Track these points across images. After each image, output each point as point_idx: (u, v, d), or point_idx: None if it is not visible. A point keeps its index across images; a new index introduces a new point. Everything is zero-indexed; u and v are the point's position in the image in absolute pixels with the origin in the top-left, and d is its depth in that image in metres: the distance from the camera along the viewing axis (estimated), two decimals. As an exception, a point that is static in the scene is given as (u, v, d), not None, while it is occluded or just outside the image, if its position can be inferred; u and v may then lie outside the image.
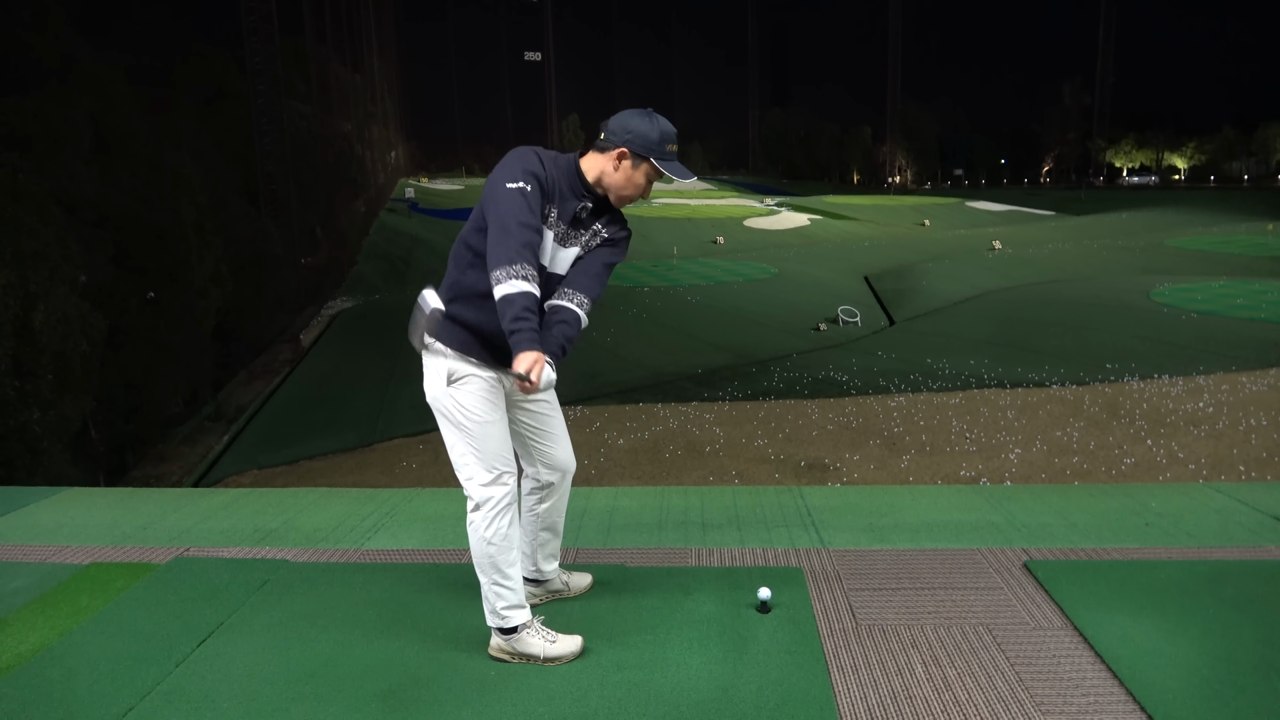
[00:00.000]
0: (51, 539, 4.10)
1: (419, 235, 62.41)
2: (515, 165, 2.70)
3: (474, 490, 2.82)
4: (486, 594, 2.84)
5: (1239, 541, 3.69)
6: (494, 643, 2.88)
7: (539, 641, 2.84)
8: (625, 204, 2.89)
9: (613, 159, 2.80)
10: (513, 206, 2.62)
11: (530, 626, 2.85)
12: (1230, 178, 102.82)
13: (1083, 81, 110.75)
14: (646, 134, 2.77)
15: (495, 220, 2.63)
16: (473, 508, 2.82)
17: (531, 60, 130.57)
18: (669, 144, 2.80)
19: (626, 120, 2.80)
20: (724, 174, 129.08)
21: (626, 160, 2.79)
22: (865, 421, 19.36)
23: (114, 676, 2.78)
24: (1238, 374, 21.74)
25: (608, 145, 2.80)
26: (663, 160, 2.79)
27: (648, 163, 2.79)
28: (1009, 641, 2.88)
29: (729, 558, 3.62)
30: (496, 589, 2.82)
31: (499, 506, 2.80)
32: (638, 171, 2.81)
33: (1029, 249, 52.44)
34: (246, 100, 39.55)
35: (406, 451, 19.04)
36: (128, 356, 21.73)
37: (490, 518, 2.79)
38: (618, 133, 2.79)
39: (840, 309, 34.22)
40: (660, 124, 2.79)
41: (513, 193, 2.64)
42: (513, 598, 2.84)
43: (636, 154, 2.78)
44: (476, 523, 2.81)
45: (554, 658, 2.83)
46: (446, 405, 2.82)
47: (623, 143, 2.77)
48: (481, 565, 2.82)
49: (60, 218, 18.92)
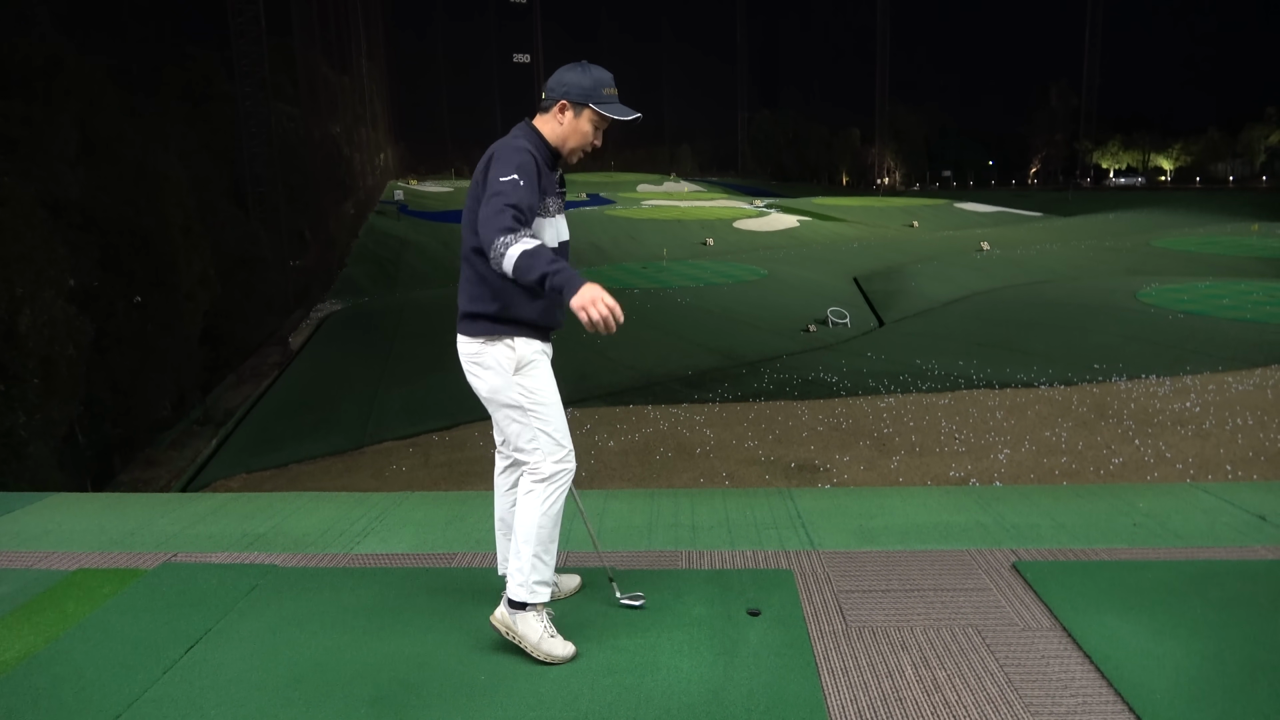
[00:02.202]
0: (37, 545, 4.07)
1: (408, 237, 62.25)
2: (512, 162, 2.72)
3: (546, 466, 2.90)
4: (523, 564, 2.87)
5: (1226, 541, 3.71)
6: (499, 612, 2.92)
7: (539, 629, 2.87)
8: (576, 156, 2.95)
9: (555, 114, 2.88)
10: (510, 192, 2.65)
11: (541, 611, 2.89)
12: (1216, 179, 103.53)
13: (1069, 83, 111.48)
14: (581, 82, 2.85)
15: (497, 206, 2.62)
16: (538, 479, 2.90)
17: (520, 62, 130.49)
18: (605, 88, 2.87)
19: (562, 74, 2.89)
20: (713, 176, 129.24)
21: (569, 110, 2.87)
22: (855, 422, 19.41)
23: (101, 683, 2.76)
24: (1224, 374, 21.88)
25: (549, 103, 2.88)
26: (601, 104, 2.86)
27: (588, 108, 2.86)
28: (998, 643, 2.89)
29: (719, 560, 3.62)
30: (537, 561, 2.87)
31: (564, 482, 2.91)
32: (581, 119, 2.88)
33: (1017, 250, 52.68)
34: (234, 102, 39.38)
35: (396, 455, 18.98)
36: (114, 360, 21.60)
37: (555, 491, 2.89)
38: (555, 88, 2.87)
39: (830, 310, 34.30)
40: (594, 71, 2.88)
41: (513, 183, 2.68)
42: (547, 574, 2.90)
43: (576, 102, 2.85)
44: (540, 493, 2.88)
45: (544, 651, 2.85)
46: (512, 395, 2.90)
47: (561, 95, 2.85)
48: (529, 537, 2.86)
49: (46, 221, 18.79)
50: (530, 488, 2.90)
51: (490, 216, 2.61)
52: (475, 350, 2.91)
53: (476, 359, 2.92)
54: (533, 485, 2.90)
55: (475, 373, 2.94)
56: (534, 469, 2.91)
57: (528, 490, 2.91)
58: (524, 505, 2.90)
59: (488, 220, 2.60)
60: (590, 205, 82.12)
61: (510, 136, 2.88)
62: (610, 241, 61.40)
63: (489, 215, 2.61)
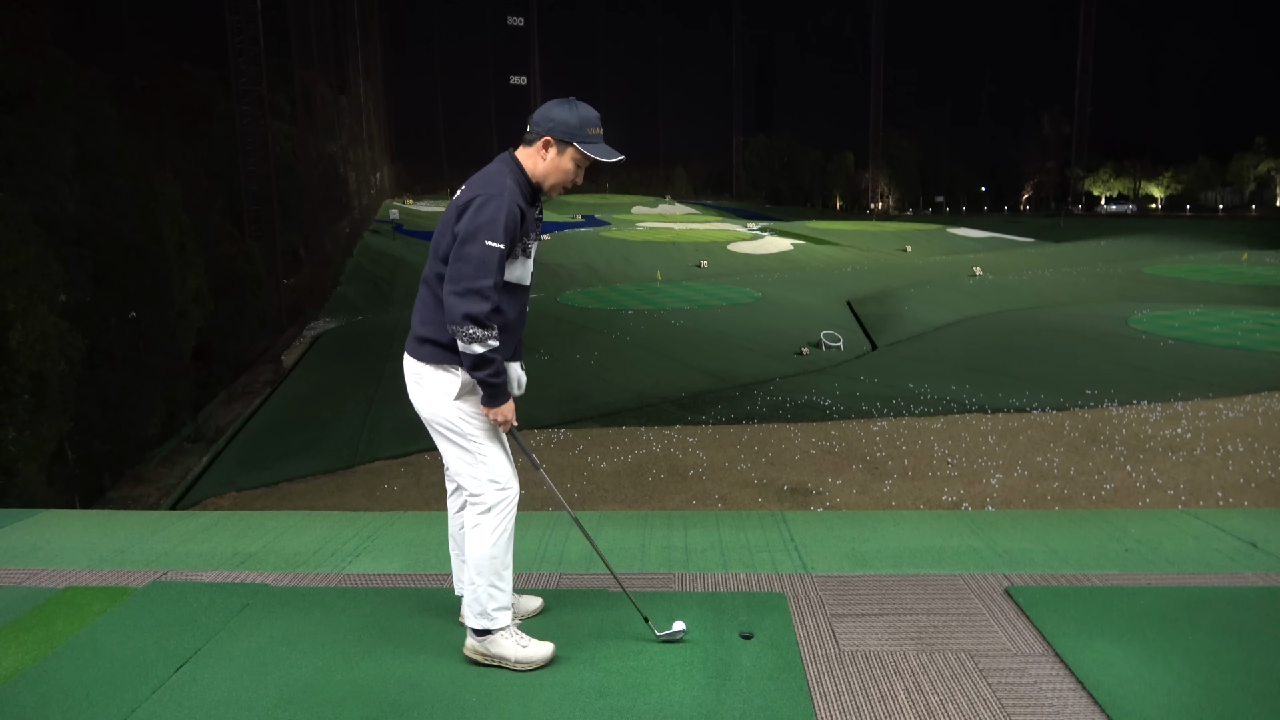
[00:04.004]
0: (26, 562, 4.05)
1: (403, 257, 62.28)
2: (494, 222, 2.73)
3: (489, 494, 2.90)
4: (479, 595, 2.88)
5: (1217, 568, 3.72)
6: (469, 644, 2.94)
7: (512, 645, 2.89)
8: (557, 191, 2.96)
9: (539, 149, 2.88)
10: (489, 265, 2.71)
11: (507, 630, 2.91)
12: (1206, 207, 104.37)
13: (1062, 111, 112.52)
14: (567, 120, 2.85)
15: (468, 276, 2.71)
16: (482, 510, 2.90)
17: (517, 84, 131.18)
18: (591, 127, 2.87)
19: (548, 110, 2.88)
20: (708, 198, 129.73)
21: (552, 148, 2.87)
22: (848, 446, 19.40)
23: (89, 703, 2.74)
24: (1215, 400, 21.97)
25: (533, 137, 2.88)
26: (585, 143, 2.86)
27: (572, 147, 2.86)
28: (991, 668, 2.89)
29: (712, 583, 3.62)
30: (493, 590, 2.88)
31: (508, 509, 2.92)
32: (564, 157, 2.88)
33: (1009, 275, 52.91)
34: (231, 120, 39.48)
35: (388, 474, 18.89)
36: (106, 376, 21.50)
37: (502, 521, 2.90)
38: (541, 123, 2.87)
39: (823, 333, 34.38)
40: (581, 109, 2.87)
41: (490, 251, 2.71)
42: (504, 599, 2.91)
43: (560, 140, 2.85)
44: (485, 525, 2.89)
45: (525, 661, 2.87)
46: (451, 418, 2.89)
47: (546, 131, 2.85)
48: (482, 568, 2.87)
49: (40, 236, 18.77)
50: (477, 521, 2.90)
51: (466, 291, 2.69)
52: (420, 372, 2.92)
53: (419, 381, 2.93)
54: (479, 518, 2.89)
55: (416, 395, 2.95)
56: (477, 498, 2.91)
57: (475, 524, 2.90)
58: (473, 539, 2.89)
59: (463, 293, 2.69)
60: (585, 227, 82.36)
61: (495, 172, 2.85)
62: (605, 263, 61.54)
63: (466, 286, 2.69)
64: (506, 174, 2.84)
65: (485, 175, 2.85)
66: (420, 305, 2.94)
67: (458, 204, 2.81)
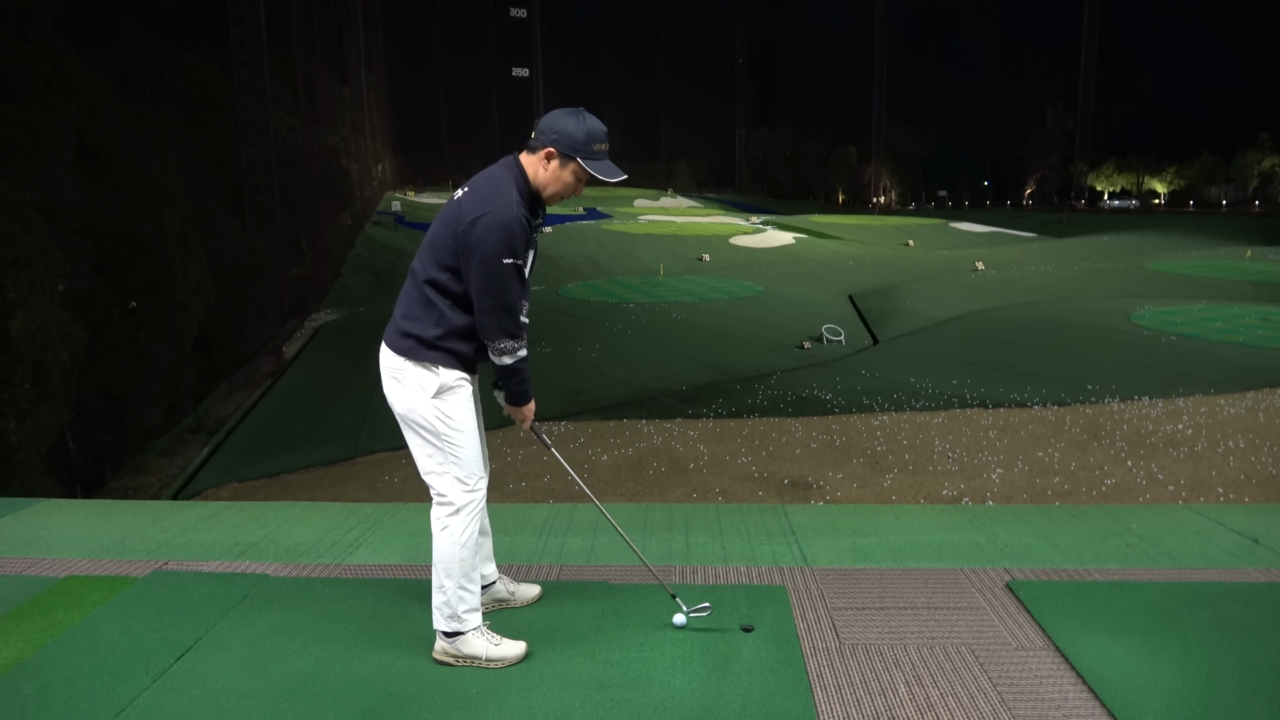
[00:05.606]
0: (27, 551, 4.05)
1: (404, 248, 62.23)
2: (507, 241, 2.72)
3: (456, 495, 2.87)
4: (449, 598, 2.86)
5: (1218, 563, 3.72)
6: (438, 646, 2.92)
7: (483, 643, 2.88)
8: (556, 201, 2.93)
9: (542, 159, 2.83)
10: (511, 282, 2.75)
11: (478, 629, 2.91)
12: (1209, 203, 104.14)
13: (1065, 106, 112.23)
14: (573, 134, 2.79)
15: (495, 294, 2.74)
16: (451, 512, 2.87)
17: (519, 76, 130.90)
18: (596, 143, 2.82)
19: (555, 120, 2.83)
20: (710, 192, 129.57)
21: (555, 160, 2.82)
22: (848, 440, 19.40)
23: (89, 692, 2.74)
24: (1216, 397, 21.95)
25: (537, 145, 2.84)
26: (589, 160, 2.82)
27: (575, 162, 2.82)
28: (991, 662, 2.89)
29: (713, 576, 3.62)
30: (461, 593, 2.87)
31: (476, 511, 2.90)
32: (565, 171, 2.84)
33: (1011, 270, 52.84)
34: (233, 111, 39.40)
35: (389, 466, 18.91)
36: (107, 366, 21.51)
37: (468, 523, 2.87)
38: (546, 133, 2.82)
39: (824, 327, 34.35)
40: (588, 123, 2.81)
41: (510, 268, 2.73)
42: (473, 600, 2.90)
43: (564, 154, 2.80)
44: (454, 527, 2.86)
45: (498, 659, 2.86)
46: (427, 415, 2.85)
47: (550, 143, 2.81)
48: (450, 570, 2.85)
49: (42, 226, 18.75)
50: (445, 523, 2.86)
51: (495, 308, 2.74)
52: (397, 365, 2.87)
53: (397, 374, 2.87)
54: (446, 520, 2.86)
55: (392, 389, 2.90)
56: (443, 498, 2.88)
57: (442, 526, 2.87)
58: (440, 541, 2.86)
59: (493, 309, 2.74)
60: (587, 219, 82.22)
61: (500, 180, 2.81)
62: (607, 256, 61.48)
63: (494, 302, 2.74)
64: (510, 183, 2.80)
65: (491, 183, 2.80)
66: (405, 297, 2.89)
67: (464, 217, 2.74)
